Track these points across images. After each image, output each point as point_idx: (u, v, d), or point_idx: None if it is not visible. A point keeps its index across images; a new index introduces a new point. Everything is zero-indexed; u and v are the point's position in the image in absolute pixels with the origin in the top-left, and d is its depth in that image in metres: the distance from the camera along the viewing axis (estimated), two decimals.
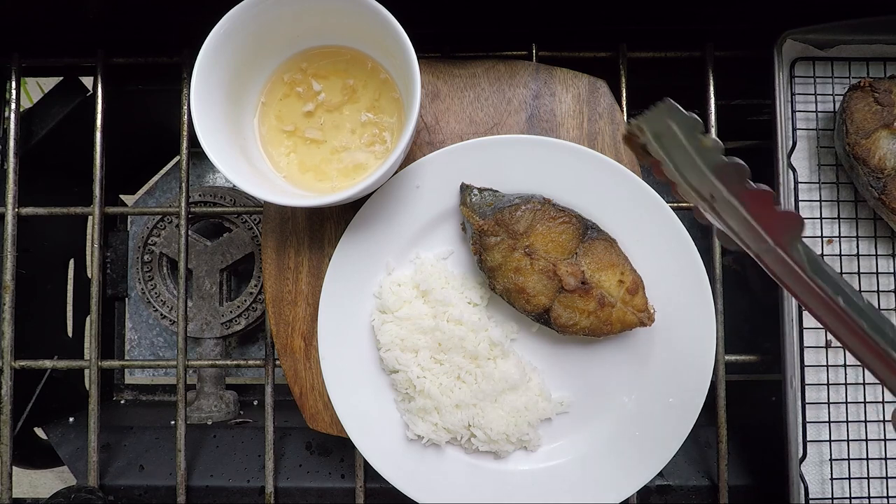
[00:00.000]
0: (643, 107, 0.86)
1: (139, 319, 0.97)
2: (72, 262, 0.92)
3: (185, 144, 0.71)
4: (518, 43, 0.71)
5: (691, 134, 0.39)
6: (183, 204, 0.71)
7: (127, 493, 0.73)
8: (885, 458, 0.66)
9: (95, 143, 0.71)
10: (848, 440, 0.66)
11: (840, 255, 0.68)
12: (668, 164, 0.40)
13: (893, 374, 0.38)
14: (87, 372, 0.72)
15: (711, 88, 0.71)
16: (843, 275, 0.68)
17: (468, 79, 0.67)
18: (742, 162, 0.38)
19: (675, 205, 0.67)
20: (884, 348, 0.37)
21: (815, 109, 0.68)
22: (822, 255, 0.68)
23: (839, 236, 0.68)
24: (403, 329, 0.62)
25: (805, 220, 0.38)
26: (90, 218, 0.73)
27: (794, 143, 0.67)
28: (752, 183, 0.38)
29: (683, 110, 0.39)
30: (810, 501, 0.65)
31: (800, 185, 0.67)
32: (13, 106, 0.72)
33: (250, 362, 0.72)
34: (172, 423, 0.82)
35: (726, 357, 0.69)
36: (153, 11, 0.70)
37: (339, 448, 0.75)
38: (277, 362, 0.69)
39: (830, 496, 0.65)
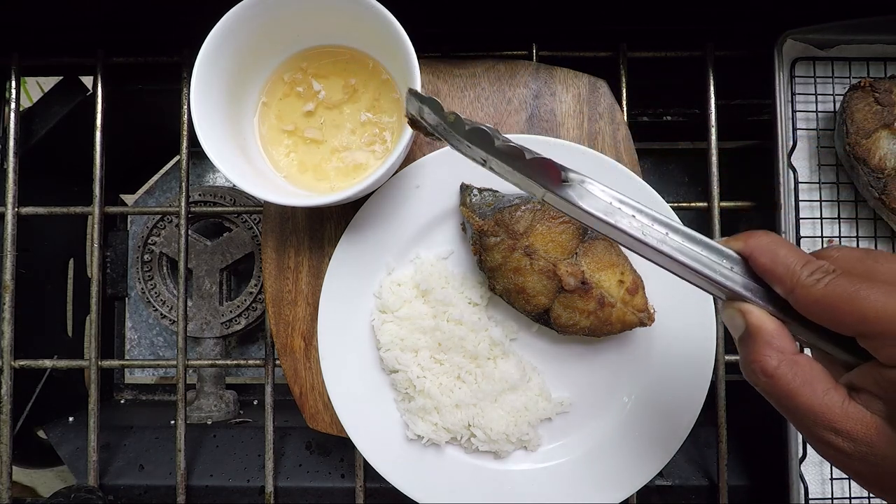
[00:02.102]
0: (644, 106, 0.87)
1: (139, 319, 0.97)
2: (72, 261, 0.92)
3: (185, 144, 0.71)
4: (518, 43, 0.71)
5: (440, 113, 0.41)
6: (183, 203, 0.71)
7: (127, 492, 0.73)
8: None
9: (95, 142, 0.71)
10: None
11: None
12: (446, 140, 0.43)
13: (712, 287, 0.39)
14: (86, 371, 0.72)
15: (711, 88, 0.71)
16: None
17: (468, 78, 0.67)
18: (484, 125, 0.40)
19: (676, 205, 0.67)
20: (682, 262, 0.39)
21: (815, 109, 0.68)
22: None
23: (839, 236, 0.68)
24: (403, 329, 0.62)
25: (560, 165, 0.40)
26: (90, 217, 0.73)
27: (795, 143, 0.67)
28: (500, 140, 0.40)
29: (422, 94, 0.42)
30: (810, 501, 0.65)
31: (800, 185, 0.67)
32: (13, 105, 0.72)
33: (250, 362, 0.72)
34: (172, 422, 0.82)
35: (726, 357, 0.69)
36: (153, 11, 0.70)
37: (339, 448, 0.75)
38: (277, 362, 0.69)
39: (830, 496, 0.65)
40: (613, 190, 0.40)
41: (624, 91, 0.71)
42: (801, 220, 0.67)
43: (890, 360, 0.33)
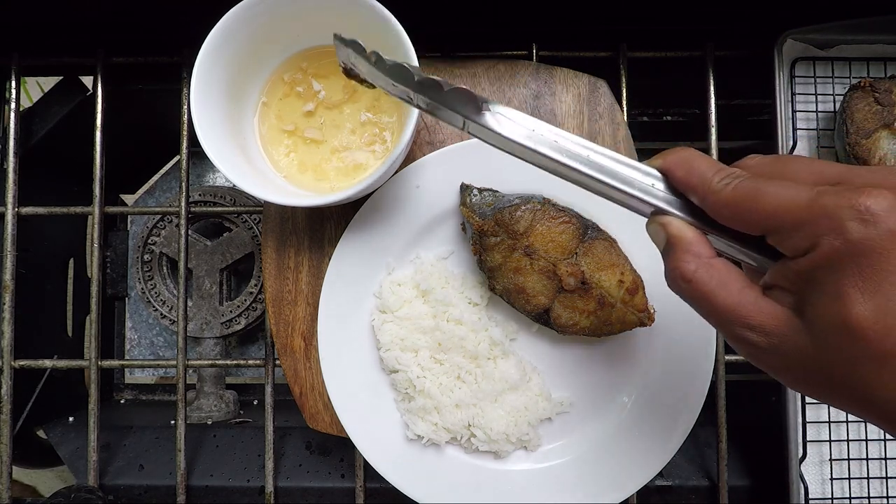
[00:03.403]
0: (644, 106, 0.86)
1: (139, 319, 0.97)
2: (72, 261, 0.92)
3: (185, 144, 0.71)
4: (518, 43, 0.71)
5: (363, 54, 0.42)
6: (183, 203, 0.71)
7: (127, 492, 0.73)
8: (885, 458, 0.66)
9: (95, 142, 0.71)
10: (848, 440, 0.66)
11: None
12: (378, 85, 0.44)
13: (635, 203, 0.41)
14: (86, 371, 0.72)
15: (711, 88, 0.71)
16: None
17: (468, 78, 0.67)
18: (406, 63, 0.41)
19: None
20: (604, 181, 0.40)
21: (815, 109, 0.68)
22: None
23: None
24: (403, 329, 0.62)
25: (480, 96, 0.40)
26: (90, 217, 0.73)
27: (795, 143, 0.67)
28: (420, 75, 0.41)
29: (345, 38, 0.43)
30: (810, 501, 0.65)
31: None
32: (13, 105, 0.72)
33: (250, 362, 0.72)
34: (172, 422, 0.82)
35: (726, 357, 0.69)
36: (153, 11, 0.70)
37: (339, 448, 0.75)
38: (277, 362, 0.69)
39: (830, 496, 0.65)
40: (533, 118, 0.41)
41: (624, 91, 0.71)
42: None
43: (792, 250, 0.34)
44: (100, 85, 0.72)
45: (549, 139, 0.41)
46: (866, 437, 0.66)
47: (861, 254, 0.31)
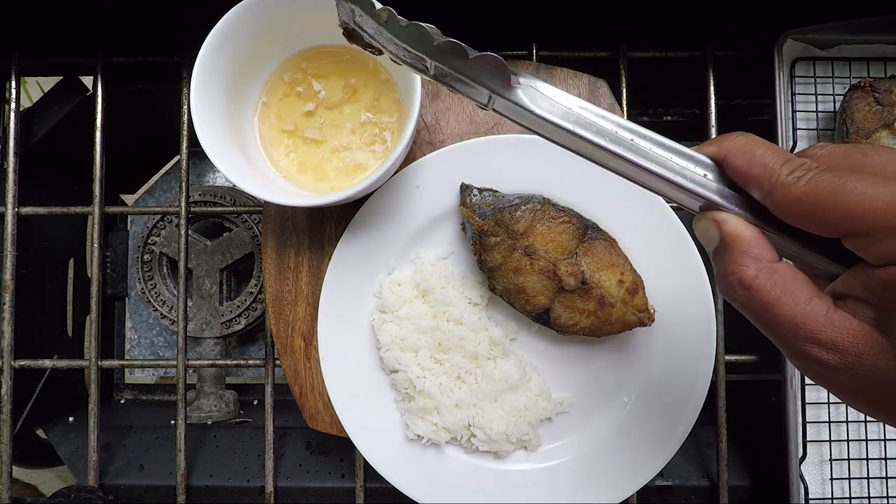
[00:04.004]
0: (644, 106, 0.86)
1: (139, 319, 0.97)
2: (72, 261, 0.92)
3: (185, 144, 0.71)
4: (518, 43, 0.71)
5: (370, 11, 0.37)
6: (183, 203, 0.71)
7: (127, 492, 0.73)
8: (885, 458, 0.66)
9: (95, 142, 0.71)
10: (848, 440, 0.66)
11: None
12: (386, 49, 0.38)
13: (684, 196, 0.35)
14: (86, 371, 0.72)
15: (711, 88, 0.71)
16: None
17: None
18: (418, 23, 0.35)
19: (676, 205, 0.67)
20: (651, 169, 0.35)
21: (815, 109, 0.68)
22: None
23: None
24: (403, 329, 0.62)
25: (502, 59, 0.34)
26: (90, 217, 0.73)
27: (795, 143, 0.67)
28: (441, 38, 0.35)
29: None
30: (810, 501, 0.65)
31: None
32: (13, 105, 0.72)
33: (250, 362, 0.72)
34: (172, 422, 0.82)
35: (726, 357, 0.69)
36: (153, 11, 0.70)
37: (339, 448, 0.75)
38: (277, 362, 0.69)
39: (830, 496, 0.65)
40: (569, 94, 0.36)
41: (624, 91, 0.71)
42: None
43: (879, 257, 0.29)
44: (100, 85, 0.72)
45: (589, 120, 0.35)
46: (866, 437, 0.66)
47: None
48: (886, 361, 0.29)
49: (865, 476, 0.65)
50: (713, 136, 0.70)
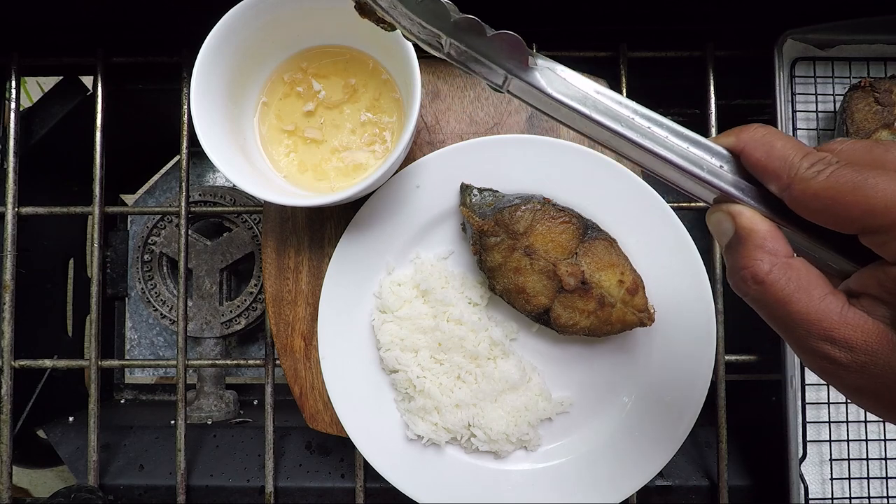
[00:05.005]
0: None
1: (139, 319, 0.97)
2: (72, 261, 0.92)
3: (185, 144, 0.71)
4: None
5: None
6: (183, 203, 0.71)
7: (127, 492, 0.73)
8: (885, 458, 0.66)
9: (95, 142, 0.71)
10: (848, 440, 0.66)
11: None
12: (399, 25, 0.37)
13: (699, 187, 0.35)
14: (86, 371, 0.72)
15: (711, 88, 0.71)
16: None
17: (468, 78, 0.67)
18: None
19: (676, 205, 0.67)
20: (666, 157, 0.35)
21: (815, 109, 0.68)
22: None
23: None
24: (403, 329, 0.62)
25: (521, 38, 0.34)
26: (90, 217, 0.73)
27: None
28: (458, 15, 0.35)
29: None
30: (810, 501, 0.65)
31: None
32: (13, 105, 0.72)
33: (250, 362, 0.72)
34: (172, 422, 0.82)
35: (726, 357, 0.69)
36: (153, 11, 0.70)
37: (339, 448, 0.75)
38: (277, 362, 0.69)
39: (830, 496, 0.65)
40: (588, 78, 0.35)
41: (624, 91, 0.71)
42: None
43: (894, 255, 0.29)
44: (100, 85, 0.72)
45: (606, 105, 0.35)
46: (866, 437, 0.66)
47: None
48: None
49: (865, 476, 0.66)
50: (713, 136, 0.70)
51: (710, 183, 0.34)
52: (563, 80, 0.35)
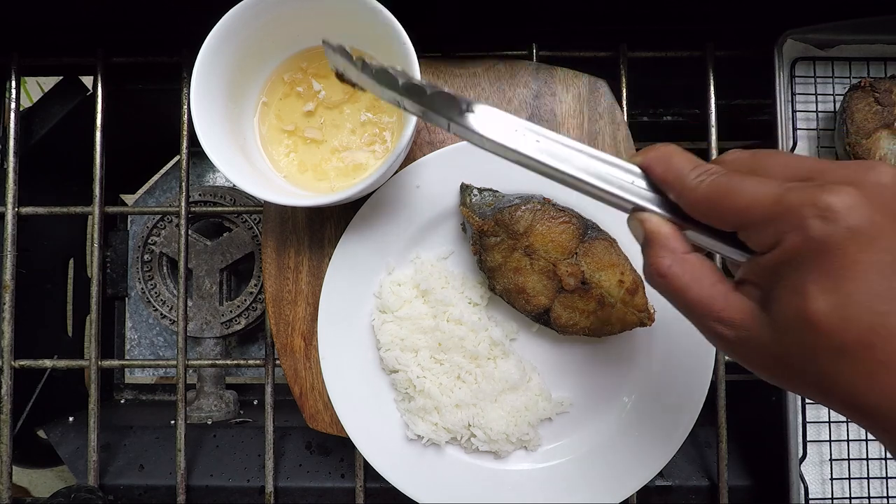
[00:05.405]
0: (644, 106, 0.86)
1: (139, 319, 0.97)
2: (72, 261, 0.92)
3: (185, 144, 0.71)
4: (518, 43, 0.71)
5: (350, 60, 0.44)
6: (183, 203, 0.71)
7: (127, 492, 0.73)
8: (885, 458, 0.66)
9: (95, 142, 0.71)
10: (848, 440, 0.66)
11: None
12: (369, 89, 0.44)
13: (614, 200, 0.41)
14: (86, 371, 0.72)
15: (711, 88, 0.71)
16: None
17: (469, 78, 0.67)
18: (391, 67, 0.41)
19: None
20: (585, 179, 0.40)
21: (815, 109, 0.68)
22: None
23: None
24: (403, 329, 0.62)
25: (464, 98, 0.40)
26: (90, 217, 0.73)
27: (795, 143, 0.67)
28: (405, 79, 0.41)
29: (332, 44, 0.45)
30: (810, 501, 0.65)
31: None
32: (13, 105, 0.72)
33: (250, 362, 0.73)
34: (172, 422, 0.82)
35: (726, 357, 0.69)
36: (153, 11, 0.70)
37: (339, 448, 0.75)
38: (277, 362, 0.69)
39: (830, 496, 0.65)
40: (518, 118, 0.41)
41: (624, 91, 0.71)
42: None
43: (760, 246, 0.35)
44: (100, 85, 0.72)
45: (530, 139, 0.41)
46: (866, 436, 0.66)
47: (821, 251, 0.31)
48: (767, 334, 0.34)
49: (865, 476, 0.65)
50: (713, 136, 0.70)
51: (623, 197, 0.40)
52: (492, 122, 0.41)
